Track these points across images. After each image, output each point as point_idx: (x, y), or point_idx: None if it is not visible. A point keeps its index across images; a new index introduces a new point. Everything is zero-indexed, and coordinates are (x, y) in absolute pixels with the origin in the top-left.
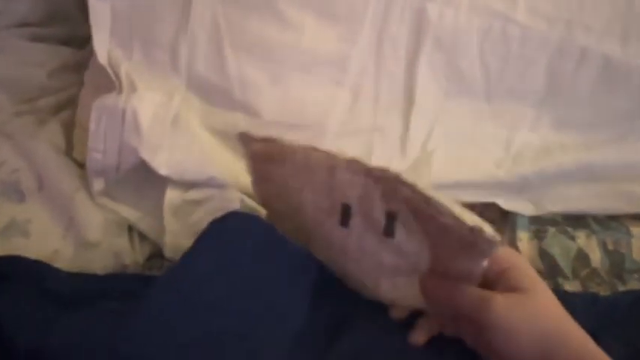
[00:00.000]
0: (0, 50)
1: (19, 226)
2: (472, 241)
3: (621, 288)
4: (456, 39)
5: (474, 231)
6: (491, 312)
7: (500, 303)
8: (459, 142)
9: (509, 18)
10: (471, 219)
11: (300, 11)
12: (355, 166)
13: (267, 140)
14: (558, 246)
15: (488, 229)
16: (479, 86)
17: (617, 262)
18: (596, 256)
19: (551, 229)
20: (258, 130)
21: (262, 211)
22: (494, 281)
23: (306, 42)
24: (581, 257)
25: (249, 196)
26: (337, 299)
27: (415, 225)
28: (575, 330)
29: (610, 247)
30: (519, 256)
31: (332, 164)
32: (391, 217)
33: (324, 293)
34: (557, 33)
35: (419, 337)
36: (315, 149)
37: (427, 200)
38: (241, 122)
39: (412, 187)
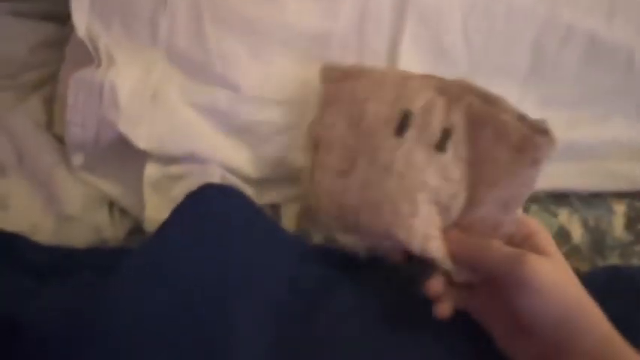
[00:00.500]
0: None
1: None
2: (529, 137)
3: (602, 264)
4: (440, 15)
5: (535, 124)
6: (525, 268)
7: (536, 260)
8: None
9: None
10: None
11: None
12: (429, 76)
13: (348, 67)
14: (540, 223)
15: (548, 125)
16: (463, 63)
17: (598, 239)
18: (577, 233)
19: (534, 207)
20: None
21: (245, 187)
22: (520, 245)
23: (288, 17)
24: (563, 234)
25: (231, 171)
26: (318, 272)
27: (467, 145)
28: (593, 303)
29: (591, 223)
30: (541, 224)
31: (407, 75)
32: (446, 134)
33: (304, 266)
34: (542, 9)
35: (444, 309)
36: (393, 67)
37: (493, 98)
38: (222, 96)
39: (479, 90)
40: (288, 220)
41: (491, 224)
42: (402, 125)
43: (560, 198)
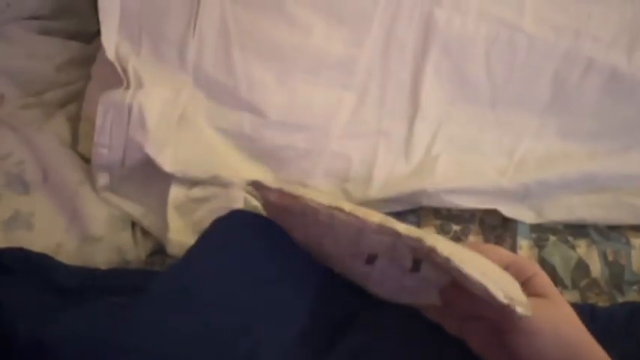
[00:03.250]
0: (9, 42)
1: (23, 218)
2: (501, 311)
3: (620, 299)
4: (463, 45)
5: (506, 309)
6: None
7: (533, 303)
8: (462, 148)
9: (516, 26)
10: (506, 293)
11: (309, 13)
12: (386, 230)
13: (282, 193)
14: (558, 255)
15: (521, 308)
16: (484, 93)
17: (616, 274)
18: (596, 267)
19: (552, 238)
20: (270, 183)
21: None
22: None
23: (314, 44)
24: (581, 267)
25: (253, 194)
26: (340, 300)
27: (441, 267)
28: (595, 344)
29: (610, 257)
30: (539, 266)
31: (360, 227)
32: (418, 261)
33: (327, 293)
34: (564, 42)
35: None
36: (340, 209)
37: (460, 274)
38: (247, 121)
39: (446, 260)
40: None
41: None
42: (371, 259)
43: (578, 229)
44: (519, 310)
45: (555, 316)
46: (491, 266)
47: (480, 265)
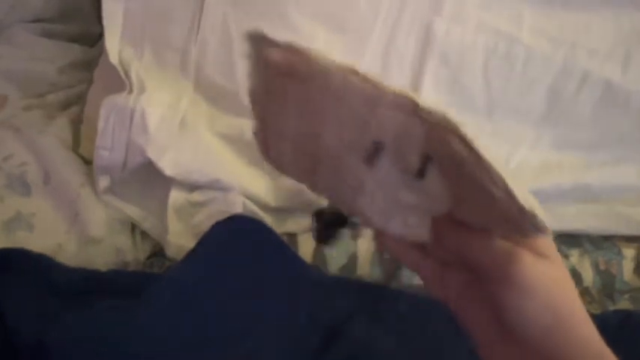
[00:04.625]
0: (12, 44)
1: (24, 219)
2: (517, 221)
3: (611, 308)
4: (462, 56)
5: (524, 213)
6: (518, 267)
7: (529, 261)
8: None
9: (514, 38)
10: (525, 198)
11: (311, 22)
12: (404, 101)
13: (291, 49)
14: None
15: (541, 216)
16: (481, 103)
17: (608, 283)
18: (588, 276)
19: None
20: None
21: (264, 216)
22: (518, 244)
23: None
24: (574, 276)
25: (252, 199)
26: (335, 302)
27: (450, 179)
28: (586, 319)
29: (602, 267)
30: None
31: (376, 97)
32: (426, 160)
33: (323, 295)
34: (560, 55)
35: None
36: (355, 73)
37: (481, 163)
38: (247, 127)
39: (469, 144)
40: (305, 250)
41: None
42: (373, 155)
43: (571, 239)
44: (540, 221)
45: (551, 278)
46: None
47: (503, 170)
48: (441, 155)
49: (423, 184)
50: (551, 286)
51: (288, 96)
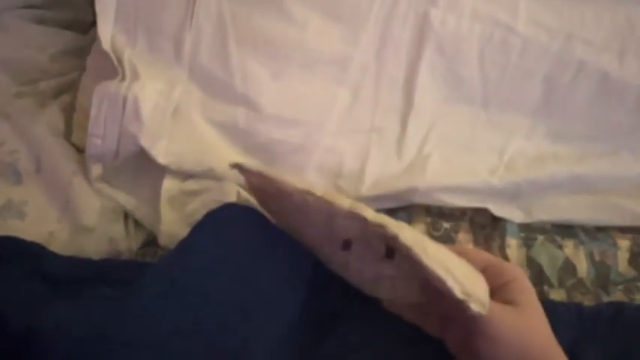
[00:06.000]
0: (3, 31)
1: (15, 207)
2: (462, 308)
3: (605, 299)
4: (457, 45)
5: (462, 303)
6: (485, 319)
7: (495, 312)
8: (454, 147)
9: (510, 28)
10: (463, 286)
11: (306, 9)
12: (354, 215)
13: (262, 175)
14: (546, 254)
15: (475, 303)
16: (477, 93)
17: (602, 274)
18: (582, 267)
19: (540, 237)
20: (251, 164)
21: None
22: (494, 291)
23: (310, 40)
24: (568, 267)
25: (246, 188)
26: (330, 294)
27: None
28: (559, 355)
29: (597, 258)
30: (522, 272)
31: (330, 212)
32: (391, 248)
33: (318, 287)
34: (556, 45)
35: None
36: (312, 194)
37: (421, 264)
38: (241, 115)
39: (409, 249)
40: None
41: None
42: (346, 245)
43: (566, 230)
44: (474, 306)
45: (521, 326)
46: (458, 263)
47: (445, 260)
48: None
49: (394, 262)
50: (522, 333)
51: (271, 207)
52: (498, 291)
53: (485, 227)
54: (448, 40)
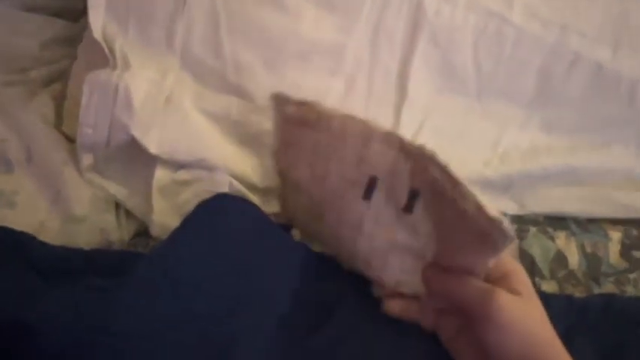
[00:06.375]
0: None
1: (5, 197)
2: (488, 231)
3: (596, 290)
4: (452, 36)
5: (493, 221)
6: (494, 305)
7: (505, 298)
8: (448, 137)
9: (504, 18)
10: (492, 211)
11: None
12: (391, 138)
13: (303, 104)
14: (538, 246)
15: (506, 223)
16: (471, 84)
17: (594, 265)
18: (574, 258)
19: (533, 229)
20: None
21: (250, 196)
22: (495, 283)
23: (304, 30)
24: (560, 259)
25: (238, 179)
26: (322, 286)
27: (433, 210)
28: (562, 350)
29: (588, 249)
30: (520, 265)
31: (368, 134)
32: (413, 195)
33: (310, 279)
34: (551, 36)
35: (394, 307)
36: (352, 117)
37: (454, 183)
38: (234, 105)
39: (443, 168)
40: (293, 231)
41: (470, 265)
42: (369, 190)
43: (558, 221)
44: (505, 224)
45: (527, 315)
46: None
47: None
48: (424, 187)
49: (411, 219)
50: (527, 322)
51: (302, 143)
52: (499, 282)
53: None
54: (442, 31)
